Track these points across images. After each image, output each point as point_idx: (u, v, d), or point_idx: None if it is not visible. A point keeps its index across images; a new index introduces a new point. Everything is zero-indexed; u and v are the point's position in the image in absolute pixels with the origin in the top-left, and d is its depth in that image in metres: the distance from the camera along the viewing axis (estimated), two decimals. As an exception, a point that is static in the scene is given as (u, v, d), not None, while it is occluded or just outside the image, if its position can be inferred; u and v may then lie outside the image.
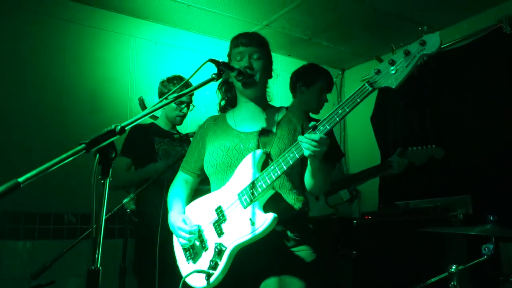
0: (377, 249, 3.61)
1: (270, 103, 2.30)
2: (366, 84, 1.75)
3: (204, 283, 1.89)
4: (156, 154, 3.18)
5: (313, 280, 1.93)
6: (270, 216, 1.82)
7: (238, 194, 1.93)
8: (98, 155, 1.34)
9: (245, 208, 1.89)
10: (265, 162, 1.98)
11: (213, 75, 1.86)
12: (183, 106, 3.28)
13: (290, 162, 1.84)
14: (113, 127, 1.38)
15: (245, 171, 1.97)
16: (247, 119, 2.17)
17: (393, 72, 1.72)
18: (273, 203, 1.93)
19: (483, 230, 2.38)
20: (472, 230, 2.44)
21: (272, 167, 1.88)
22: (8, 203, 3.12)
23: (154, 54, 4.21)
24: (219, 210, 1.99)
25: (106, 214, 2.43)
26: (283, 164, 1.85)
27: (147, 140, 3.20)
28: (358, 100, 1.76)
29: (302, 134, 2.05)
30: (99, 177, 1.34)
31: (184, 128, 3.81)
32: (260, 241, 1.84)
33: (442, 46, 4.35)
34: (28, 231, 3.34)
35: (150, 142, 3.20)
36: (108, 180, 1.34)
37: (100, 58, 3.93)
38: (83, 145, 1.30)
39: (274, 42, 2.29)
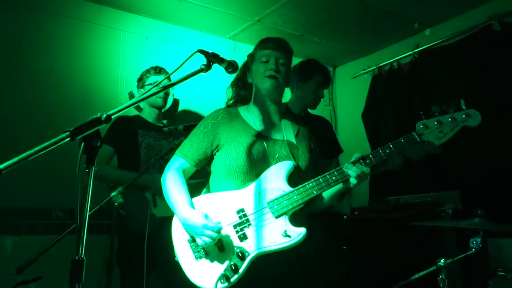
0: (367, 244, 3.62)
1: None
2: (415, 135, 2.00)
3: (212, 284, 1.85)
4: (139, 147, 3.15)
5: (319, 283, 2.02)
6: (303, 230, 1.89)
7: (269, 203, 1.95)
8: (83, 143, 1.33)
9: (276, 218, 1.92)
10: (293, 174, 2.03)
11: (202, 66, 1.85)
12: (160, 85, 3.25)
13: (332, 184, 1.96)
14: (98, 115, 1.37)
15: (275, 179, 1.99)
16: (265, 121, 2.19)
17: (438, 131, 1.99)
18: (297, 216, 1.99)
19: (471, 224, 2.39)
20: (461, 223, 2.46)
21: (311, 184, 1.96)
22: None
23: (145, 49, 4.18)
24: (243, 214, 1.97)
25: (94, 208, 2.44)
26: (323, 184, 1.96)
27: (131, 132, 3.17)
28: (405, 145, 2.00)
29: (314, 152, 2.22)
30: (84, 166, 1.32)
31: (175, 123, 3.79)
32: (280, 251, 1.90)
33: (433, 43, 4.39)
34: (14, 226, 3.30)
35: (133, 134, 3.17)
36: (93, 169, 1.33)
37: (90, 52, 3.89)
38: (67, 133, 1.28)
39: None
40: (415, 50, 4.53)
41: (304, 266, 2.02)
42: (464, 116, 1.97)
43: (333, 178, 1.95)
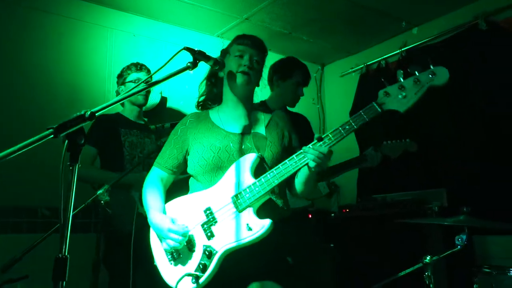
0: (355, 242, 3.64)
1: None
2: (375, 105, 1.84)
3: (190, 286, 1.86)
4: (123, 146, 3.13)
5: (296, 282, 1.96)
6: (267, 222, 1.82)
7: (232, 197, 1.92)
8: (66, 140, 1.32)
9: (239, 212, 1.88)
10: (259, 166, 1.98)
11: (188, 64, 1.84)
12: (141, 84, 3.23)
13: (292, 170, 1.87)
14: (82, 112, 1.35)
15: (240, 174, 1.95)
16: (234, 119, 2.16)
17: (401, 97, 1.83)
18: (266, 208, 1.94)
19: (456, 221, 2.42)
20: (446, 220, 2.48)
21: (272, 174, 1.88)
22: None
23: (132, 46, 4.15)
24: (209, 212, 1.95)
25: (79, 207, 2.41)
26: (284, 172, 1.87)
27: (113, 132, 3.13)
28: (366, 118, 1.84)
29: (289, 139, 2.13)
30: (68, 163, 1.31)
31: (163, 121, 3.77)
32: (250, 245, 1.84)
33: (421, 42, 4.42)
34: (0, 225, 3.27)
35: (116, 133, 3.14)
36: (77, 166, 1.31)
37: (78, 49, 3.86)
38: (51, 130, 1.27)
39: (255, 36, 2.29)
40: (403, 49, 4.55)
41: (280, 262, 1.96)
42: (429, 75, 1.81)
43: (293, 163, 1.86)
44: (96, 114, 1.38)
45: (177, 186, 2.22)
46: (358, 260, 3.56)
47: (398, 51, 4.59)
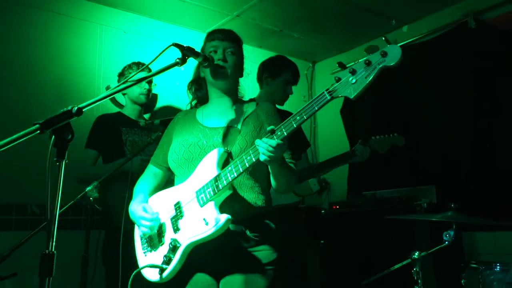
0: (344, 238, 3.66)
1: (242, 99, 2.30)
2: (325, 93, 1.71)
3: (157, 277, 1.90)
4: (124, 145, 3.13)
5: (273, 279, 1.92)
6: (223, 217, 1.80)
7: (196, 192, 1.92)
8: (53, 136, 1.31)
9: (201, 206, 1.88)
10: (226, 161, 1.96)
11: (177, 60, 1.84)
12: (143, 82, 3.22)
13: (247, 165, 1.81)
14: (69, 108, 1.35)
15: (206, 168, 1.94)
16: (215, 114, 2.16)
17: (353, 82, 1.67)
18: (231, 202, 1.93)
19: (444, 217, 2.44)
20: (434, 217, 2.50)
21: (229, 168, 1.85)
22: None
23: (123, 43, 4.13)
24: (177, 206, 1.98)
25: (68, 203, 2.40)
26: (239, 166, 1.83)
27: (114, 131, 3.14)
28: (316, 108, 1.71)
29: (265, 129, 2.04)
30: (55, 159, 1.31)
31: (153, 118, 3.77)
32: (218, 240, 1.83)
33: (410, 40, 4.44)
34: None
35: (117, 133, 3.14)
36: (63, 162, 1.31)
37: (67, 46, 3.83)
38: (37, 125, 1.26)
39: (245, 33, 2.28)
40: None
41: (248, 258, 1.93)
42: (381, 56, 1.64)
43: (248, 158, 1.80)
44: (83, 110, 1.37)
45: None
46: (348, 256, 3.58)
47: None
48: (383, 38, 1.74)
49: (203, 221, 1.83)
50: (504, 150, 3.58)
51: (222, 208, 1.87)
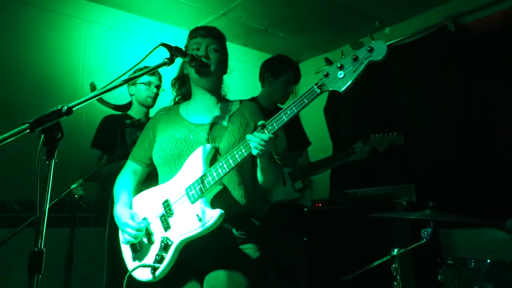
0: (327, 235, 3.72)
1: (226, 97, 2.32)
2: (315, 87, 1.79)
3: (150, 276, 1.90)
4: (128, 146, 3.14)
5: (256, 277, 1.95)
6: (217, 212, 1.83)
7: (186, 189, 1.93)
8: (43, 135, 1.33)
9: (192, 203, 1.90)
10: (214, 157, 1.99)
11: (166, 60, 1.86)
12: (152, 86, 3.27)
13: (238, 159, 1.85)
14: (59, 107, 1.36)
15: (194, 165, 1.96)
16: (200, 110, 2.17)
17: (341, 76, 1.76)
18: (220, 199, 1.95)
19: (422, 215, 2.50)
20: (413, 215, 2.57)
21: (220, 163, 1.88)
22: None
23: (107, 39, 4.12)
24: (166, 204, 1.98)
25: (53, 201, 2.41)
26: (231, 161, 1.86)
27: (118, 132, 3.15)
28: (306, 101, 1.78)
29: (255, 129, 2.07)
30: (44, 158, 1.32)
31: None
32: (207, 237, 1.86)
33: (393, 41, 4.52)
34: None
35: (120, 134, 3.15)
36: (53, 161, 1.33)
37: (51, 41, 3.82)
38: (26, 125, 1.28)
39: (230, 31, 2.30)
40: (378, 47, 4.63)
41: (233, 255, 1.95)
42: (367, 51, 1.74)
43: (239, 153, 1.84)
44: (73, 109, 1.39)
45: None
46: (329, 253, 3.64)
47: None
48: (369, 35, 1.82)
49: (196, 218, 1.84)
50: (481, 150, 3.68)
51: (212, 205, 1.89)
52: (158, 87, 3.35)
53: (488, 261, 2.43)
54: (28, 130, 1.28)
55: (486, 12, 3.89)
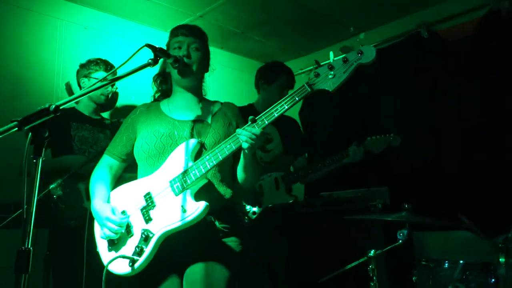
0: (302, 238, 3.75)
1: (205, 97, 2.35)
2: (306, 86, 1.88)
3: (128, 269, 1.89)
4: (72, 140, 3.09)
5: (238, 270, 1.98)
6: (202, 204, 1.85)
7: (170, 181, 1.94)
8: (30, 134, 1.32)
9: (176, 195, 1.91)
10: (199, 152, 2.02)
11: (150, 60, 1.87)
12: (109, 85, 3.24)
13: (227, 152, 1.90)
14: (47, 105, 1.36)
15: (178, 159, 1.98)
16: (182, 107, 2.20)
17: (331, 76, 1.87)
18: (204, 192, 1.97)
19: (399, 217, 2.57)
20: (390, 216, 2.63)
21: (207, 157, 1.92)
22: None
23: (83, 39, 4.05)
24: (148, 197, 1.98)
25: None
26: (219, 154, 1.91)
27: (63, 126, 3.09)
28: (297, 99, 1.88)
29: (236, 128, 2.11)
30: (31, 156, 1.31)
31: (114, 116, 3.72)
32: (189, 230, 1.87)
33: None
34: None
35: (65, 127, 3.10)
36: (40, 159, 1.32)
37: (25, 40, 3.72)
38: (15, 123, 1.27)
39: (207, 34, 2.32)
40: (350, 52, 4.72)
41: (215, 248, 1.98)
42: (358, 54, 1.87)
43: (228, 146, 1.90)
44: (61, 108, 1.38)
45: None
46: (305, 254, 3.67)
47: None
48: (341, 47, 1.94)
49: (180, 209, 1.85)
50: (453, 152, 3.80)
51: (196, 198, 1.91)
52: (112, 85, 3.30)
53: (461, 262, 2.51)
54: (16, 128, 1.27)
55: (459, 21, 4.01)
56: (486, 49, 3.71)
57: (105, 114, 3.64)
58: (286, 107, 1.87)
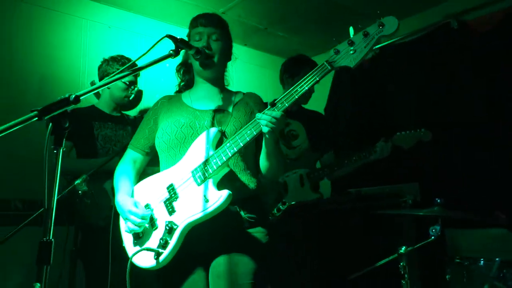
0: (331, 235, 3.68)
1: (228, 87, 2.31)
2: (326, 63, 1.80)
3: (153, 262, 1.85)
4: (96, 140, 3.09)
5: (264, 262, 1.92)
6: (225, 193, 1.80)
7: (192, 172, 1.91)
8: (51, 124, 1.30)
9: (198, 185, 1.87)
10: (220, 141, 1.98)
11: (171, 51, 1.84)
12: (133, 87, 3.22)
13: (247, 138, 1.84)
14: (67, 95, 1.33)
15: (200, 148, 1.94)
16: (203, 97, 2.16)
17: (351, 52, 1.78)
18: (227, 182, 1.92)
19: (431, 212, 2.48)
20: (421, 211, 2.54)
21: (228, 144, 1.87)
22: None
23: (107, 38, 4.08)
24: (171, 188, 1.95)
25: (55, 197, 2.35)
26: (239, 141, 1.85)
27: (86, 125, 3.10)
28: (317, 79, 1.79)
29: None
30: (52, 146, 1.29)
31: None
32: (213, 220, 1.82)
33: (394, 40, 4.50)
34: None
35: (89, 127, 3.10)
36: (61, 149, 1.29)
37: (50, 40, 3.76)
38: (35, 112, 1.25)
39: (230, 30, 2.29)
40: (376, 46, 4.62)
41: (240, 239, 1.93)
42: (379, 27, 1.77)
43: (248, 132, 1.85)
44: (81, 98, 1.36)
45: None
46: (334, 252, 3.60)
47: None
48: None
49: (202, 199, 1.81)
50: (488, 149, 3.66)
51: (219, 187, 1.86)
52: (134, 88, 3.27)
53: (498, 259, 2.40)
54: (37, 118, 1.25)
55: (486, 11, 3.87)
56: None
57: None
58: (306, 87, 1.79)
